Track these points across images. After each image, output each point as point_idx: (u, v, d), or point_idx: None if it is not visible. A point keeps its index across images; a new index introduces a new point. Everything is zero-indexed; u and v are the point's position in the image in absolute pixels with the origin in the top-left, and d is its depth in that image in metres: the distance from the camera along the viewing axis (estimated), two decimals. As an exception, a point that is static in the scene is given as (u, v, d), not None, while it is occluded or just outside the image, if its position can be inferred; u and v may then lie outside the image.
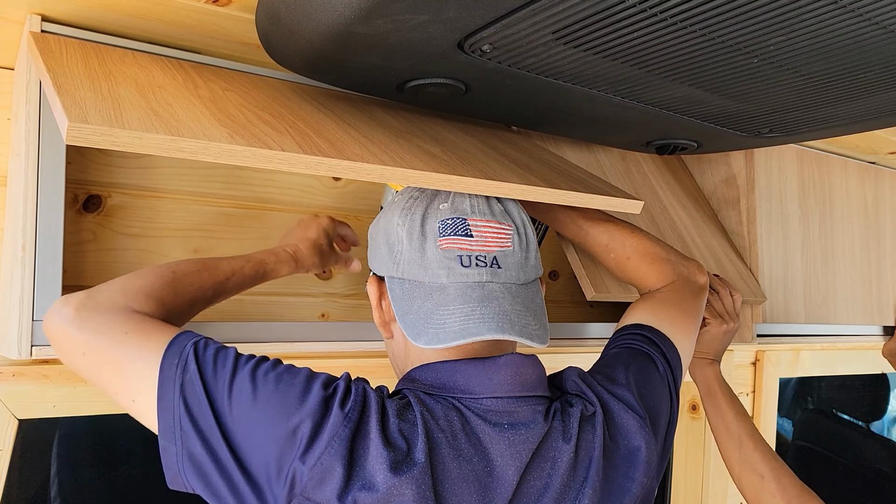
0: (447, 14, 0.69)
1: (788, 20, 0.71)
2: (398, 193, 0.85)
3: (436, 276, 0.77)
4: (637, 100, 0.97)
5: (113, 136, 0.64)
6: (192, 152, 0.68)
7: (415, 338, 0.75)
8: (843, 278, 1.59)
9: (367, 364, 1.23)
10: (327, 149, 0.77)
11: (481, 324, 0.73)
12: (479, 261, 0.77)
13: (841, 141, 1.54)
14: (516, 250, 0.80)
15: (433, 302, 0.76)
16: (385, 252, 0.81)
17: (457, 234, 0.78)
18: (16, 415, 0.96)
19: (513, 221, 0.82)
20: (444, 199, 0.80)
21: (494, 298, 0.76)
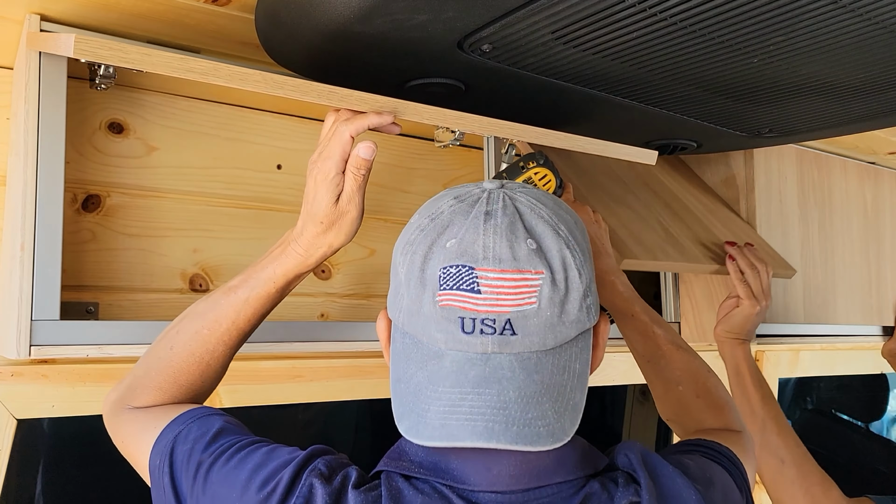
0: (446, 14, 0.69)
1: (788, 20, 0.71)
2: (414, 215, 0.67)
3: (433, 338, 0.60)
4: (637, 99, 0.97)
5: (122, 50, 0.60)
6: (203, 73, 0.64)
7: (398, 419, 0.59)
8: (842, 278, 1.59)
9: (366, 364, 1.23)
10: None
11: (465, 423, 0.56)
12: (485, 326, 0.58)
13: (840, 141, 1.54)
14: (544, 307, 0.59)
15: (426, 374, 0.60)
16: (392, 290, 0.66)
17: (460, 287, 0.58)
18: (14, 415, 0.95)
19: (547, 264, 0.59)
20: (454, 233, 0.60)
21: (496, 381, 0.58)
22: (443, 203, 0.63)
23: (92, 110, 1.01)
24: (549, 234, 0.60)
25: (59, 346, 0.84)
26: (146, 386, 0.78)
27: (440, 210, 0.62)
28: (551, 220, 0.61)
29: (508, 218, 0.60)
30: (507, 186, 0.64)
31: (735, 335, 1.19)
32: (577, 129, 1.15)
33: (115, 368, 1.02)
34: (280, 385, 1.15)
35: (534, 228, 0.61)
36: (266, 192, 1.16)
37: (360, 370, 1.22)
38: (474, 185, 0.66)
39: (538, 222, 0.61)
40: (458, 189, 0.65)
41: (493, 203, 0.61)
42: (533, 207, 0.62)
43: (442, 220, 0.62)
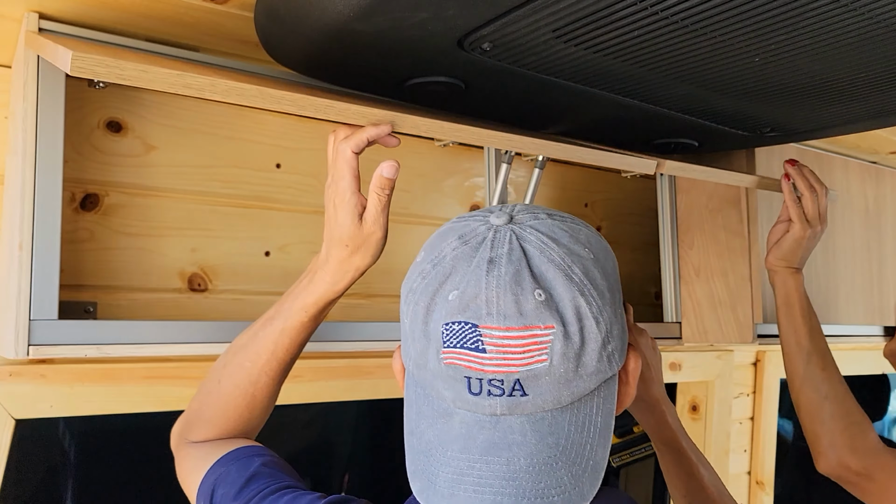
0: (447, 12, 0.69)
1: (790, 19, 0.71)
2: (420, 251, 0.63)
3: (441, 395, 0.57)
4: (637, 98, 0.97)
5: (118, 67, 0.60)
6: (199, 88, 0.64)
7: (410, 477, 0.57)
8: (843, 278, 1.59)
9: (366, 364, 1.23)
10: (335, 98, 0.74)
11: (473, 494, 0.53)
12: (492, 387, 0.54)
13: (842, 140, 1.54)
14: (557, 363, 0.54)
15: (435, 433, 0.57)
16: (402, 334, 0.62)
17: (464, 346, 0.54)
18: (13, 414, 0.95)
19: (559, 317, 0.54)
20: (457, 283, 0.56)
21: (506, 447, 0.54)
22: (446, 245, 0.58)
23: (90, 109, 1.01)
24: (560, 281, 0.55)
25: (57, 346, 0.84)
26: (200, 420, 0.81)
27: (443, 254, 0.57)
28: (563, 263, 0.56)
29: (514, 266, 0.54)
30: (516, 220, 0.59)
31: (787, 262, 1.13)
32: (578, 128, 1.15)
33: (114, 368, 1.02)
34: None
35: (543, 275, 0.55)
36: (265, 192, 1.16)
37: (359, 370, 1.22)
38: (482, 217, 0.60)
39: (548, 267, 0.55)
40: (464, 224, 0.60)
41: (499, 247, 0.56)
42: (543, 248, 0.56)
43: (444, 266, 0.57)
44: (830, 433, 1.01)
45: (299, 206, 1.20)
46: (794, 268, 1.14)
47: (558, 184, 1.46)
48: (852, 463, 0.99)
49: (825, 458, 1.01)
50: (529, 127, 1.20)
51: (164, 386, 1.05)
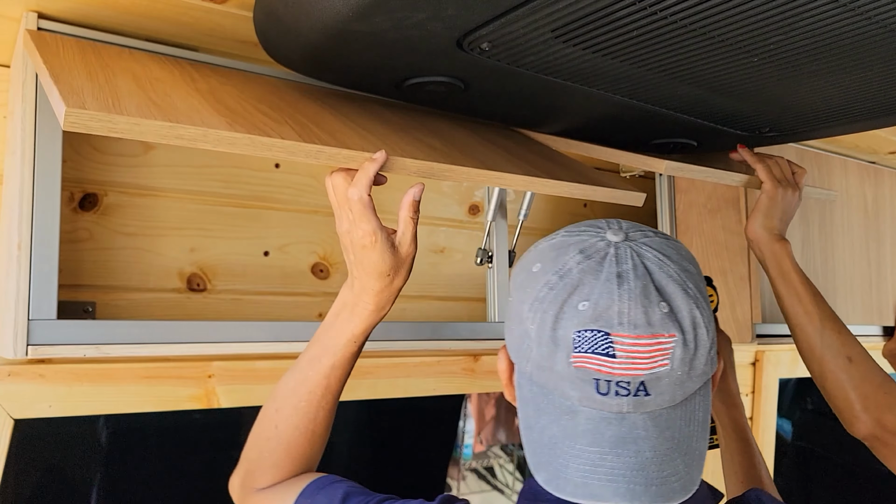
0: (446, 12, 0.69)
1: (788, 19, 0.71)
2: (533, 260, 0.68)
3: (566, 394, 0.62)
4: (636, 99, 0.97)
5: (111, 121, 0.62)
6: (191, 139, 0.66)
7: (534, 469, 0.63)
8: (842, 278, 1.59)
9: (365, 364, 1.23)
10: (326, 138, 0.76)
11: (607, 484, 0.59)
12: (620, 388, 0.60)
13: (841, 140, 1.54)
14: (676, 367, 0.61)
15: (559, 428, 0.62)
16: (516, 337, 0.66)
17: (595, 351, 0.60)
18: (11, 414, 0.95)
19: (679, 326, 0.61)
20: (586, 294, 0.61)
21: (633, 441, 0.60)
22: (569, 259, 0.64)
23: (89, 109, 1.01)
24: (679, 295, 0.62)
25: (56, 346, 0.84)
26: (263, 467, 0.82)
27: (567, 267, 0.63)
28: (679, 279, 0.63)
29: (641, 281, 0.61)
30: (630, 238, 0.65)
31: (767, 226, 1.09)
32: (577, 128, 1.15)
33: (113, 368, 1.02)
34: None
35: (664, 289, 0.62)
36: (264, 191, 1.16)
37: (358, 370, 1.22)
38: (595, 232, 0.66)
39: (668, 282, 0.62)
40: (581, 239, 0.65)
41: (623, 262, 0.62)
42: (661, 265, 0.63)
43: (571, 278, 0.62)
44: (864, 394, 0.96)
45: (298, 205, 1.20)
46: (777, 234, 1.10)
47: (557, 184, 1.46)
48: (889, 421, 0.95)
49: (861, 422, 0.96)
50: (528, 126, 1.20)
51: (163, 386, 1.05)
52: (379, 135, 0.84)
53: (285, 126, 0.76)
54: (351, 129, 0.83)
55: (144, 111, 0.66)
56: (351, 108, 0.97)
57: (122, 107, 0.66)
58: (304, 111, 0.86)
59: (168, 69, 0.88)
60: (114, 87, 0.72)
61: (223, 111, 0.75)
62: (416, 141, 0.88)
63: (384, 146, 0.79)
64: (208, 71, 0.94)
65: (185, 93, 0.78)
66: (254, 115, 0.77)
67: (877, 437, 0.96)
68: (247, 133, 0.69)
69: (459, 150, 0.89)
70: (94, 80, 0.73)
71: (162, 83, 0.80)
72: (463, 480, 3.81)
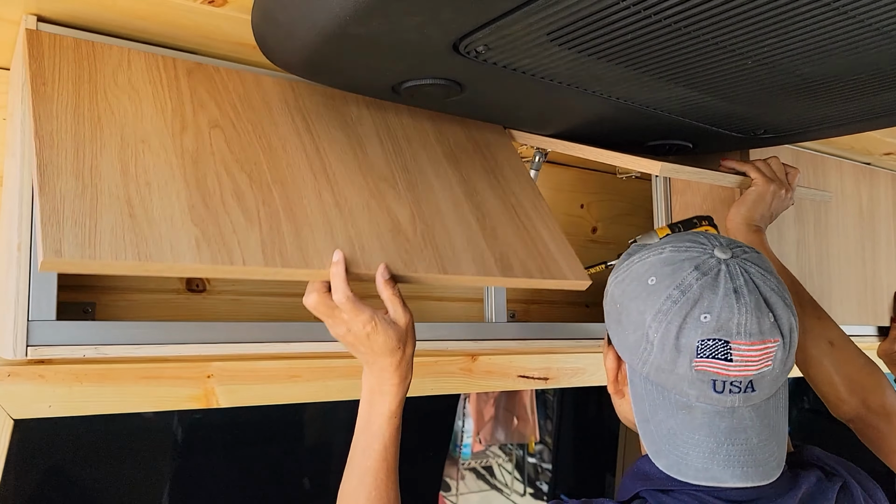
0: (442, 15, 0.70)
1: (782, 22, 0.71)
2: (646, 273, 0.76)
3: (683, 393, 0.72)
4: (632, 101, 0.98)
5: (83, 265, 0.71)
6: (158, 272, 0.75)
7: (654, 456, 0.73)
8: (838, 279, 1.60)
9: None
10: (290, 248, 0.83)
11: (726, 468, 0.70)
12: (733, 386, 0.71)
13: (836, 142, 1.55)
14: (777, 367, 0.72)
15: (677, 421, 0.72)
16: (632, 341, 0.75)
17: (715, 357, 0.70)
18: (11, 415, 0.96)
19: (780, 333, 0.72)
20: (707, 307, 0.71)
21: (742, 430, 0.71)
22: (687, 275, 0.73)
23: (89, 111, 1.01)
24: (781, 306, 0.73)
25: (56, 347, 0.85)
26: None
27: (688, 283, 0.72)
28: (779, 291, 0.74)
29: (753, 296, 0.72)
30: (735, 255, 0.75)
31: (748, 220, 1.09)
32: (573, 130, 1.15)
33: (113, 369, 1.02)
34: (278, 385, 1.15)
35: (769, 301, 0.72)
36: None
37: (357, 370, 1.22)
38: (702, 249, 0.76)
39: (772, 295, 0.73)
40: (692, 255, 0.75)
41: (736, 279, 0.72)
42: (765, 279, 0.74)
43: (692, 294, 0.72)
44: (847, 377, 0.97)
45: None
46: (756, 225, 1.10)
47: (554, 185, 1.47)
48: (873, 401, 0.96)
49: (846, 404, 0.97)
50: (525, 128, 1.21)
51: (163, 386, 1.05)
52: (347, 213, 0.91)
53: (254, 229, 0.82)
54: (322, 209, 0.89)
55: (118, 240, 0.74)
56: (337, 142, 0.99)
57: (98, 236, 0.73)
58: (284, 176, 0.91)
59: (162, 99, 0.90)
60: (96, 180, 0.78)
61: (198, 209, 0.81)
62: (385, 216, 0.93)
63: (346, 238, 0.87)
64: (205, 90, 0.94)
65: (167, 171, 0.83)
66: (228, 206, 0.83)
67: (862, 419, 0.97)
68: (211, 263, 0.77)
69: (424, 230, 0.95)
70: (79, 162, 0.78)
71: (147, 150, 0.84)
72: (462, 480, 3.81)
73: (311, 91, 1.03)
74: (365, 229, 0.89)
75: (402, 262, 0.88)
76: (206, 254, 0.77)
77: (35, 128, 0.79)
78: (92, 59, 0.88)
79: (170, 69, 0.93)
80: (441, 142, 1.10)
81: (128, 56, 0.91)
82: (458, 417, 3.58)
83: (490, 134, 1.17)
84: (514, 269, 0.97)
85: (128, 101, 0.87)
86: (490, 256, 0.97)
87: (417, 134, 1.09)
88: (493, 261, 0.96)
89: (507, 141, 1.18)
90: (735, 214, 1.13)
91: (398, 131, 1.06)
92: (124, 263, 0.72)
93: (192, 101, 0.92)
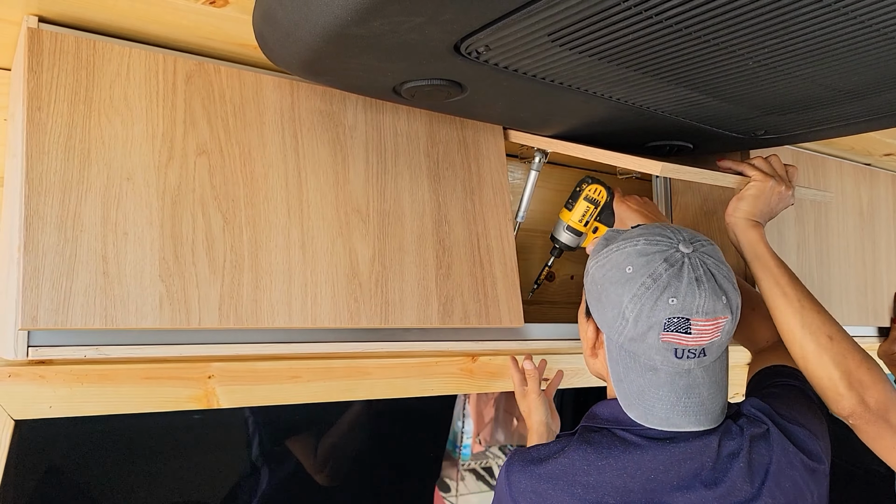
0: (443, 16, 0.70)
1: (783, 23, 0.71)
2: (624, 262, 0.91)
3: (651, 359, 0.89)
4: (632, 101, 0.98)
5: (55, 327, 0.81)
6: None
7: (626, 408, 0.90)
8: (838, 279, 1.60)
9: (364, 365, 1.23)
10: (246, 303, 0.92)
11: (683, 416, 0.88)
12: (690, 353, 0.88)
13: (836, 143, 1.55)
14: (724, 336, 0.90)
15: (645, 381, 0.89)
16: (611, 317, 0.91)
17: (678, 331, 0.87)
18: (12, 415, 0.96)
19: (730, 311, 0.88)
20: (674, 293, 0.86)
21: (696, 387, 0.89)
22: (657, 266, 0.88)
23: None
24: (730, 289, 0.89)
25: (56, 347, 0.84)
26: None
27: (658, 273, 0.88)
28: (729, 277, 0.90)
29: (711, 283, 0.88)
30: (696, 248, 0.90)
31: (747, 214, 1.10)
32: (573, 130, 1.16)
33: (113, 369, 1.02)
34: (278, 385, 1.15)
35: (723, 286, 0.89)
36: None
37: (358, 370, 1.22)
38: (668, 243, 0.90)
39: (724, 281, 0.89)
40: (661, 249, 0.90)
41: (696, 269, 0.88)
42: (718, 269, 0.89)
43: (662, 282, 0.87)
44: (846, 372, 0.97)
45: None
46: (755, 220, 1.10)
47: (555, 186, 1.47)
48: (871, 399, 0.95)
49: (845, 399, 0.96)
50: (525, 128, 1.21)
51: (163, 386, 1.05)
52: (311, 254, 0.97)
53: (216, 282, 0.89)
54: (286, 249, 0.98)
55: (88, 306, 0.83)
56: (321, 160, 1.02)
57: (71, 302, 0.82)
58: (258, 209, 0.95)
59: (154, 117, 0.91)
60: (78, 230, 0.83)
61: (167, 262, 0.87)
62: (346, 259, 1.01)
63: (305, 285, 0.97)
64: (199, 103, 0.95)
65: (147, 217, 0.88)
66: (196, 256, 0.90)
67: (860, 416, 0.96)
68: (170, 325, 0.87)
69: (383, 269, 1.04)
70: (64, 207, 0.83)
71: (131, 187, 0.87)
72: (461, 481, 3.81)
73: (311, 93, 1.03)
74: (321, 276, 0.97)
75: (349, 313, 0.97)
76: (167, 314, 0.86)
77: (26, 169, 0.82)
78: (91, 67, 0.89)
79: (169, 74, 0.93)
80: (430, 154, 1.11)
81: (128, 59, 0.91)
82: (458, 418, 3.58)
83: (484, 140, 1.17)
84: (454, 314, 1.06)
85: (120, 125, 0.89)
86: (435, 301, 1.05)
87: (408, 145, 1.09)
88: (436, 307, 1.05)
89: (500, 149, 1.18)
90: (734, 209, 1.13)
91: (388, 142, 1.07)
92: (92, 327, 0.82)
93: (184, 122, 0.93)
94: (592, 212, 1.24)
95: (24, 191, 0.81)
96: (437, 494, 2.40)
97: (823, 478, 0.95)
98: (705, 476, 0.88)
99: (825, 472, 0.95)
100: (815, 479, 0.93)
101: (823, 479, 0.95)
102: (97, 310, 0.82)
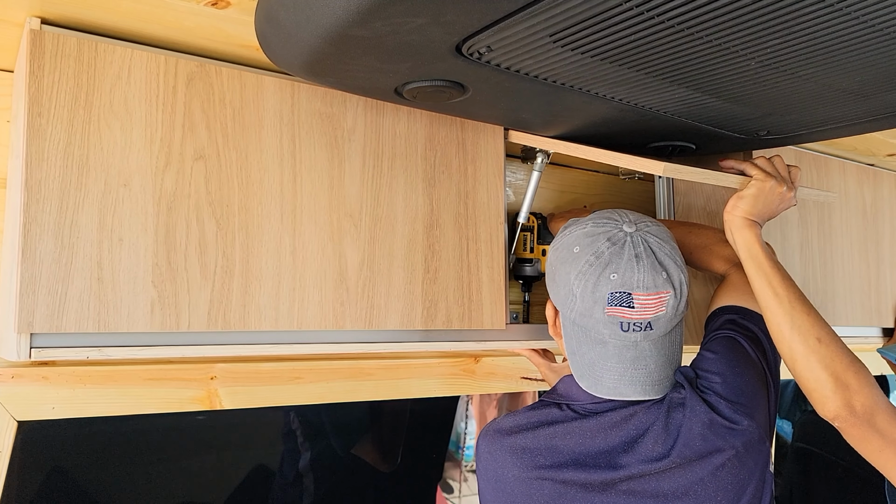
0: (445, 17, 0.70)
1: (785, 23, 0.71)
2: (573, 243, 0.98)
3: (599, 333, 0.95)
4: (635, 102, 0.98)
5: (50, 331, 0.82)
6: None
7: (578, 378, 0.97)
8: (841, 280, 1.60)
9: (367, 366, 1.23)
10: (235, 307, 0.92)
11: (630, 386, 0.94)
12: (635, 326, 0.93)
13: (839, 143, 1.55)
14: (669, 311, 0.94)
15: (595, 353, 0.95)
16: (563, 294, 0.97)
17: (622, 305, 0.92)
18: (15, 416, 0.96)
19: (672, 285, 0.94)
20: (615, 269, 0.93)
21: (643, 358, 0.94)
22: (601, 245, 0.95)
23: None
24: (672, 265, 0.95)
25: (59, 349, 0.85)
26: None
27: (601, 251, 0.94)
28: (671, 254, 0.96)
29: (650, 259, 0.94)
30: (639, 228, 0.97)
31: (745, 213, 1.09)
32: (575, 131, 1.15)
33: (116, 370, 1.02)
34: (280, 387, 1.15)
35: (664, 262, 0.95)
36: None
37: (360, 371, 1.22)
38: (613, 224, 0.97)
39: (665, 258, 0.95)
40: (606, 230, 0.96)
41: (637, 247, 0.94)
42: (661, 247, 0.95)
43: (604, 259, 0.94)
44: (834, 374, 0.97)
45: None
46: (752, 219, 1.10)
47: (557, 186, 1.47)
48: (857, 403, 0.95)
49: (831, 402, 0.96)
50: (526, 129, 1.21)
51: (166, 387, 1.06)
52: (303, 259, 0.98)
53: (207, 286, 0.91)
54: (277, 255, 0.98)
55: (82, 311, 0.84)
56: (318, 166, 1.01)
57: (66, 308, 0.82)
58: (250, 214, 0.95)
59: (152, 127, 0.91)
60: (72, 248, 0.84)
61: (160, 268, 0.88)
62: (335, 265, 1.01)
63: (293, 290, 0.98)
64: (198, 107, 0.95)
65: (142, 223, 0.88)
66: (188, 262, 0.90)
67: (845, 419, 0.96)
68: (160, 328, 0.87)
69: (371, 274, 1.03)
70: (61, 212, 0.84)
71: (128, 193, 0.88)
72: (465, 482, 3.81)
73: (311, 95, 1.03)
74: (310, 281, 0.98)
75: (334, 316, 0.99)
76: (158, 319, 0.87)
77: (25, 176, 0.82)
78: (92, 69, 0.88)
79: (170, 76, 0.93)
80: (426, 157, 1.10)
81: (129, 61, 0.91)
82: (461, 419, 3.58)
83: (483, 141, 1.17)
84: (437, 318, 1.08)
85: (119, 131, 0.89)
86: (419, 305, 1.06)
87: (406, 147, 1.09)
88: (420, 311, 1.06)
89: (499, 150, 1.18)
90: (732, 207, 1.12)
91: (386, 145, 1.07)
92: (85, 330, 0.84)
93: (182, 126, 0.93)
94: (531, 238, 1.31)
95: (22, 198, 0.81)
96: (439, 495, 2.39)
97: (743, 433, 0.96)
98: (627, 440, 0.94)
99: (748, 428, 0.96)
100: (734, 434, 0.95)
101: (743, 434, 0.96)
102: (90, 314, 0.84)
